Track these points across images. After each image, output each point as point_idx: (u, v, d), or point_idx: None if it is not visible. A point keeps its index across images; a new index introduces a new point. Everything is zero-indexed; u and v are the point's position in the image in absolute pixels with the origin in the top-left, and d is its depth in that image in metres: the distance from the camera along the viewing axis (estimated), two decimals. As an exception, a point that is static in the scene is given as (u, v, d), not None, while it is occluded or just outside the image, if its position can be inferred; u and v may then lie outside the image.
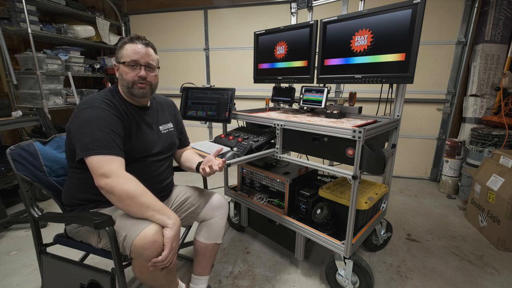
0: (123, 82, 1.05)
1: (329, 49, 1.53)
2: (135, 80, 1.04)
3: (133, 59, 1.03)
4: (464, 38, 2.62)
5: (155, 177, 1.14)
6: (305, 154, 1.40)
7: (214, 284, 1.43)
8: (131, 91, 1.06)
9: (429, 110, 2.88)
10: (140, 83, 1.05)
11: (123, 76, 1.04)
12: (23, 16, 2.34)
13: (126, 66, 1.03)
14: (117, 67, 1.07)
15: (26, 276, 1.49)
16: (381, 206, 1.62)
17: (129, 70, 1.03)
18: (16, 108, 2.54)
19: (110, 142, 0.93)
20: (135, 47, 1.04)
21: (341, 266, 1.32)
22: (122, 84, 1.07)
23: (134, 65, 1.04)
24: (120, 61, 1.04)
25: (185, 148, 1.39)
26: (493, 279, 1.50)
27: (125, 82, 1.05)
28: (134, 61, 1.03)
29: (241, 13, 3.19)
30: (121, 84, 1.08)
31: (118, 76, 1.08)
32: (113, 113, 0.99)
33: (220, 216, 1.25)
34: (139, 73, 1.04)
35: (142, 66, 1.05)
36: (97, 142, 0.91)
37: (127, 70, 1.03)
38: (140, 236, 0.87)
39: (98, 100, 1.00)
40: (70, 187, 1.07)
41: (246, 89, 3.32)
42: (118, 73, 1.08)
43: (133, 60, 1.03)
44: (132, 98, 1.10)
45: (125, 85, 1.06)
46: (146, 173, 1.10)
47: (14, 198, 2.36)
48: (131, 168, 1.03)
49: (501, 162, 1.97)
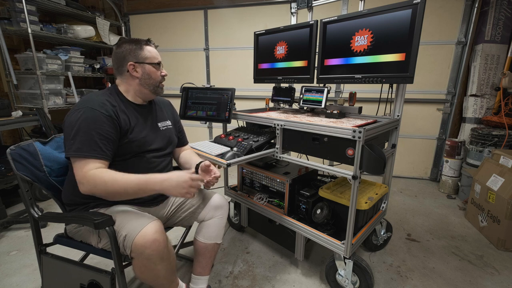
0: (150, 81, 1.10)
1: (329, 49, 1.53)
2: (161, 80, 1.14)
3: (159, 60, 1.12)
4: (464, 38, 2.62)
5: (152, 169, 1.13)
6: (305, 154, 1.40)
7: (214, 284, 1.43)
8: (156, 90, 1.14)
9: (429, 110, 2.88)
10: (162, 82, 1.15)
11: (152, 76, 1.10)
12: (23, 16, 2.34)
13: (154, 67, 1.10)
14: (135, 66, 1.08)
15: (26, 276, 1.49)
16: (381, 206, 1.62)
17: (157, 70, 1.11)
18: (16, 108, 2.54)
19: (91, 144, 0.93)
20: (152, 49, 1.12)
21: (341, 266, 1.32)
22: (148, 83, 1.11)
23: (159, 65, 1.12)
24: (146, 61, 1.09)
25: (183, 147, 1.40)
26: (493, 279, 1.50)
27: (154, 81, 1.11)
28: (160, 62, 1.12)
29: (241, 13, 3.19)
30: (145, 83, 1.11)
31: (140, 75, 1.09)
32: (103, 114, 0.97)
33: (220, 216, 1.26)
34: (163, 72, 1.14)
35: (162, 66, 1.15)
36: (79, 144, 0.92)
37: (156, 70, 1.11)
38: (140, 235, 0.87)
39: (93, 101, 1.00)
40: (70, 185, 1.07)
41: (246, 89, 3.32)
42: (138, 72, 1.08)
43: (160, 61, 1.13)
44: (142, 96, 1.14)
45: (152, 84, 1.11)
46: (145, 168, 1.10)
47: (14, 198, 2.36)
48: (130, 163, 1.05)
49: (501, 162, 1.97)
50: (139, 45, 1.08)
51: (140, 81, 1.10)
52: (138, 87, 1.11)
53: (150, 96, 1.16)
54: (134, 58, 1.08)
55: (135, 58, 1.08)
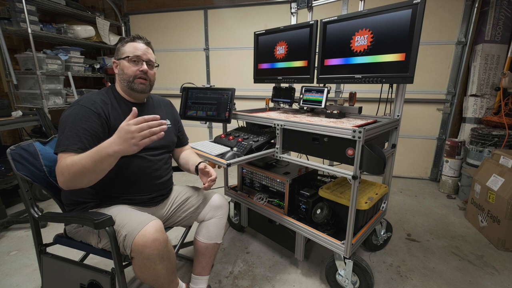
0: (123, 76, 1.08)
1: (329, 49, 1.53)
2: (137, 75, 1.07)
3: (136, 54, 1.07)
4: (464, 38, 2.62)
5: (150, 173, 1.13)
6: (305, 154, 1.40)
7: (214, 284, 1.43)
8: (131, 85, 1.08)
9: (429, 110, 2.88)
10: (141, 78, 1.08)
11: (124, 71, 1.08)
12: (23, 16, 2.34)
13: (128, 61, 1.07)
14: (116, 64, 1.10)
15: (26, 276, 1.49)
16: (381, 206, 1.62)
17: (131, 65, 1.07)
18: (16, 108, 2.54)
19: (74, 139, 0.92)
20: (137, 45, 1.09)
21: (341, 266, 1.32)
22: (122, 79, 1.09)
23: (136, 60, 1.07)
24: (121, 57, 1.08)
25: (183, 147, 1.40)
26: (493, 279, 1.50)
27: (126, 76, 1.07)
28: (136, 56, 1.07)
29: (241, 13, 3.19)
30: (121, 79, 1.09)
31: (117, 72, 1.10)
32: (91, 111, 0.99)
33: (220, 216, 1.26)
34: (141, 67, 1.08)
35: (144, 61, 1.09)
36: (64, 140, 0.93)
37: (129, 64, 1.07)
38: (140, 235, 0.87)
39: (84, 99, 1.02)
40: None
41: (246, 89, 3.32)
42: (117, 69, 1.10)
43: (136, 55, 1.07)
44: (130, 94, 1.12)
45: (125, 79, 1.08)
46: (141, 167, 1.10)
47: (14, 198, 2.36)
48: (124, 162, 1.03)
49: (501, 162, 1.97)
50: (122, 42, 1.10)
51: (118, 77, 1.11)
52: (119, 83, 1.12)
53: (133, 94, 1.11)
54: (116, 55, 1.10)
55: (117, 56, 1.10)
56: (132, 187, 1.09)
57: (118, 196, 1.08)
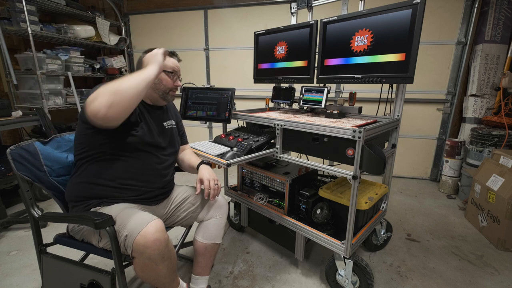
0: (160, 86, 1.15)
1: (329, 49, 1.53)
2: (172, 88, 1.19)
3: (175, 69, 1.19)
4: (464, 38, 2.62)
5: (159, 170, 1.17)
6: (305, 154, 1.40)
7: (214, 284, 1.43)
8: (165, 96, 1.18)
9: (429, 110, 2.88)
10: (174, 91, 1.21)
11: (163, 82, 1.15)
12: (23, 16, 2.34)
13: (168, 75, 1.16)
14: None
15: (26, 276, 1.49)
16: (381, 206, 1.62)
17: (169, 78, 1.16)
18: (16, 108, 2.54)
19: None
20: (174, 61, 1.20)
21: (341, 266, 1.32)
22: (157, 88, 1.15)
23: (173, 74, 1.18)
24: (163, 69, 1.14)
25: (183, 147, 1.41)
26: (493, 279, 1.50)
27: (164, 87, 1.16)
28: (175, 71, 1.19)
29: (241, 13, 3.19)
30: (155, 88, 1.15)
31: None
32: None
33: (220, 216, 1.26)
34: (176, 82, 1.20)
35: (178, 77, 1.21)
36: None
37: (169, 78, 1.16)
38: (141, 235, 0.88)
39: None
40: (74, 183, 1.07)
41: (246, 89, 3.32)
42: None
43: (175, 70, 1.19)
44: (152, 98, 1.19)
45: (162, 89, 1.16)
46: (152, 163, 1.14)
47: (14, 198, 2.36)
48: (139, 156, 1.09)
49: (501, 162, 1.97)
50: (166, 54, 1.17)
51: (155, 86, 1.15)
52: (150, 90, 1.15)
53: (160, 101, 1.20)
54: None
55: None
56: (141, 178, 1.12)
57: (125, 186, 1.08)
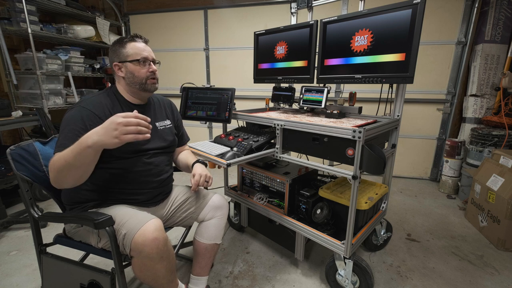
0: (134, 79, 1.07)
1: (329, 49, 1.53)
2: (148, 76, 1.08)
3: (143, 56, 1.07)
4: (464, 38, 2.61)
5: (150, 170, 1.13)
6: (305, 154, 1.40)
7: (214, 284, 1.43)
8: (144, 87, 1.09)
9: (429, 110, 2.88)
10: (152, 78, 1.10)
11: (135, 74, 1.06)
12: (23, 16, 2.33)
13: (138, 64, 1.06)
14: (119, 66, 1.07)
15: (26, 276, 1.49)
16: (381, 206, 1.62)
17: (140, 67, 1.06)
18: (16, 108, 2.54)
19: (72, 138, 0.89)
20: (139, 45, 1.08)
21: (341, 266, 1.32)
22: (132, 82, 1.08)
23: (144, 61, 1.07)
24: (127, 60, 1.05)
25: (183, 147, 1.40)
26: (493, 279, 1.50)
27: (138, 79, 1.07)
28: (144, 58, 1.07)
29: (241, 13, 3.19)
30: (130, 82, 1.08)
31: (124, 75, 1.08)
32: (94, 114, 0.99)
33: (220, 216, 1.26)
34: (150, 68, 1.08)
35: (151, 62, 1.09)
36: (62, 139, 0.92)
37: (138, 67, 1.06)
38: (140, 233, 0.87)
39: (87, 100, 1.02)
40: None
41: (246, 89, 3.32)
42: (122, 72, 1.08)
43: (144, 57, 1.07)
44: (137, 94, 1.12)
45: (137, 82, 1.07)
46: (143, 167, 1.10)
47: (14, 198, 2.36)
48: (127, 163, 1.04)
49: (501, 162, 1.97)
50: (121, 43, 1.07)
51: (126, 81, 1.09)
52: (127, 86, 1.10)
53: (143, 94, 1.13)
54: (117, 58, 1.07)
55: (118, 58, 1.07)
56: (131, 188, 1.09)
57: (118, 197, 1.08)
